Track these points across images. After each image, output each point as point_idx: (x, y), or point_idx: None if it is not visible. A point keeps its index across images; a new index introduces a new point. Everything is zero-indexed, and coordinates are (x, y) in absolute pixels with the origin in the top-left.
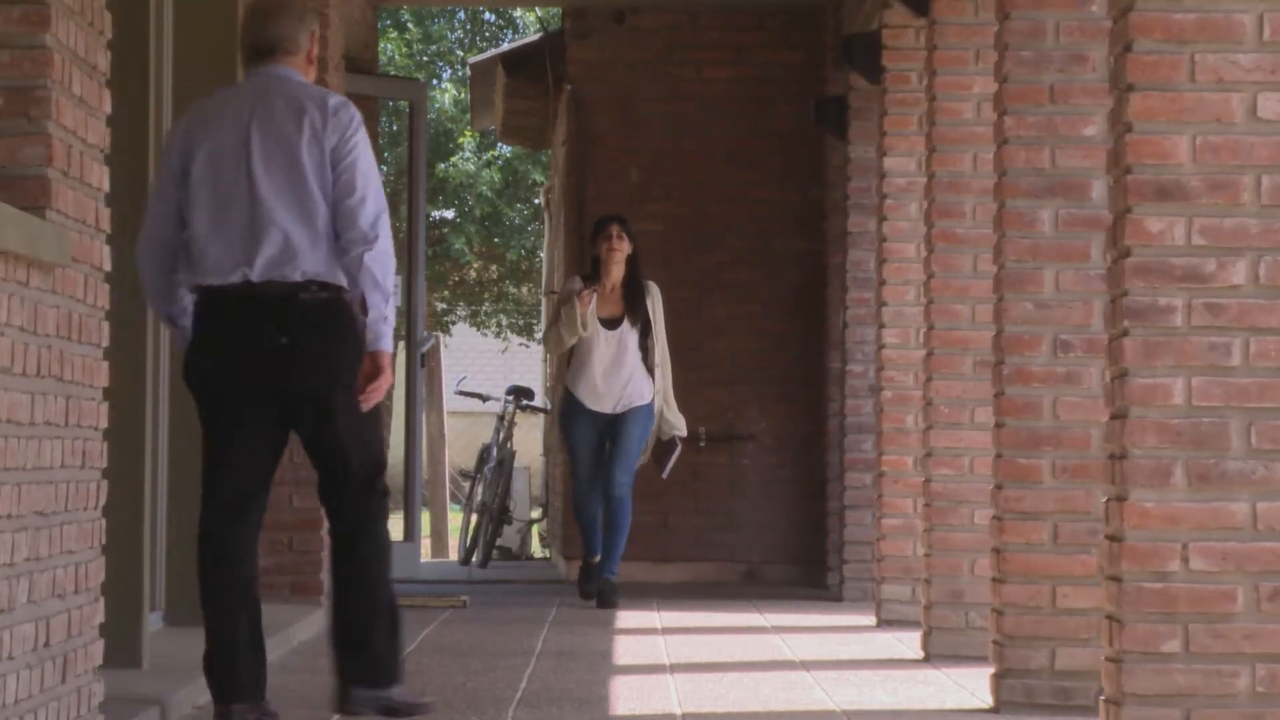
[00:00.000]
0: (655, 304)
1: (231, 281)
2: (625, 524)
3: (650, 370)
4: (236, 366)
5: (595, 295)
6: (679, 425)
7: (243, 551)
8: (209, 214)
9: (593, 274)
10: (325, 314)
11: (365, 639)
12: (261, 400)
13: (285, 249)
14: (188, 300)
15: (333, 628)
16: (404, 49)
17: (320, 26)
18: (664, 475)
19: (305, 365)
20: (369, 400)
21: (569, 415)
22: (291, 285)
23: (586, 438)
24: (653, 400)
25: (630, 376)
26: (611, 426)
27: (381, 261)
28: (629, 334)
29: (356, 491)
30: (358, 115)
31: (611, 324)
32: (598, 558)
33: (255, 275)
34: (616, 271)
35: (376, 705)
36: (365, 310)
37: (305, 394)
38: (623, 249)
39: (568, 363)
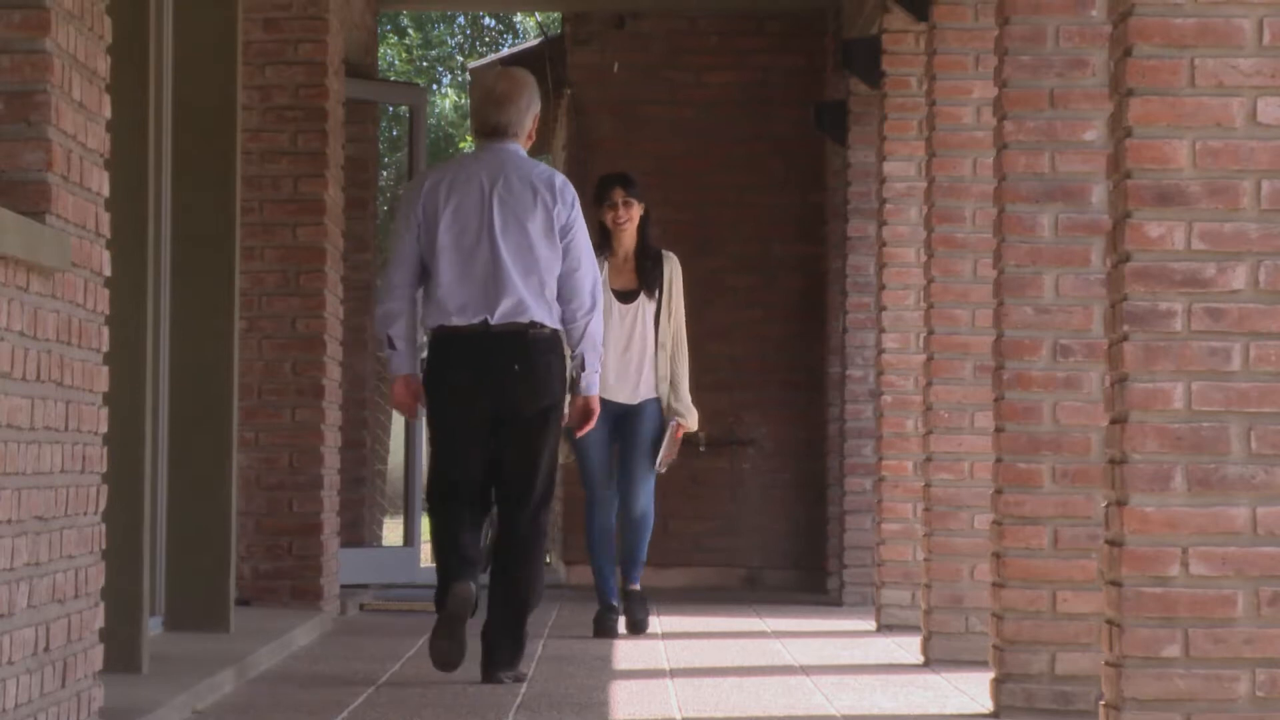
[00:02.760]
0: (674, 275)
1: (473, 323)
2: (647, 538)
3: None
4: (476, 386)
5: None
6: (687, 417)
7: (475, 537)
8: (454, 266)
9: (602, 242)
10: (547, 347)
11: (490, 624)
12: (487, 413)
13: (519, 304)
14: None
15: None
16: (404, 54)
17: (318, 31)
18: (657, 466)
19: (532, 385)
20: (583, 431)
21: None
22: (522, 325)
23: (597, 434)
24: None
25: (645, 360)
26: (623, 422)
27: (598, 323)
28: (645, 308)
29: (532, 503)
30: (571, 188)
31: (626, 297)
32: (616, 601)
33: (494, 320)
34: (628, 239)
35: (509, 677)
36: (583, 365)
37: (526, 408)
38: (630, 215)
39: None
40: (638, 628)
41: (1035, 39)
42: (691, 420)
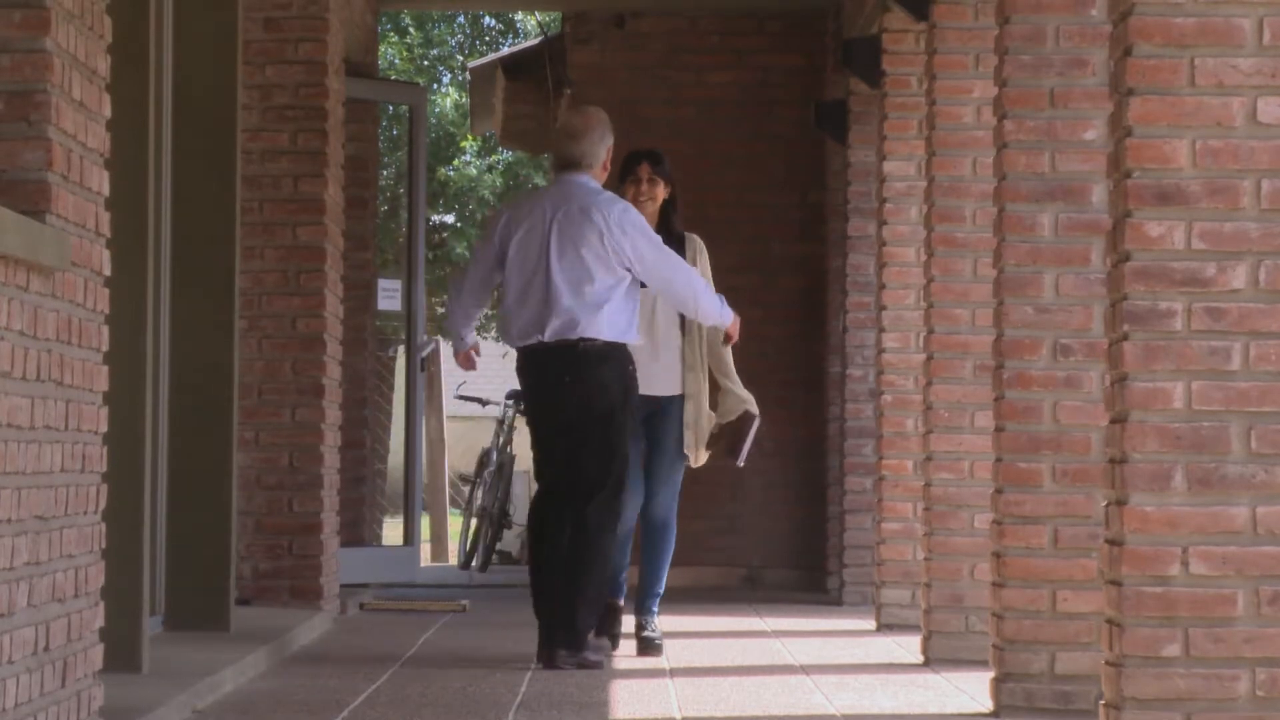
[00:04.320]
0: (698, 258)
1: (530, 343)
2: (669, 551)
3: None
4: (542, 398)
5: None
6: (748, 399)
7: (560, 525)
8: (517, 290)
9: None
10: (599, 358)
11: (564, 607)
12: (555, 422)
13: (568, 321)
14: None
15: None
16: (404, 53)
17: (318, 31)
18: (740, 462)
19: (582, 395)
20: (734, 338)
21: None
22: (573, 341)
23: None
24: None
25: (674, 349)
26: (653, 419)
27: (708, 299)
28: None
29: (592, 500)
30: (632, 213)
31: (642, 283)
32: (621, 599)
33: (546, 339)
34: (649, 220)
35: (569, 662)
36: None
37: (580, 415)
38: (653, 194)
39: None
40: (649, 651)
41: (1035, 38)
42: (752, 402)
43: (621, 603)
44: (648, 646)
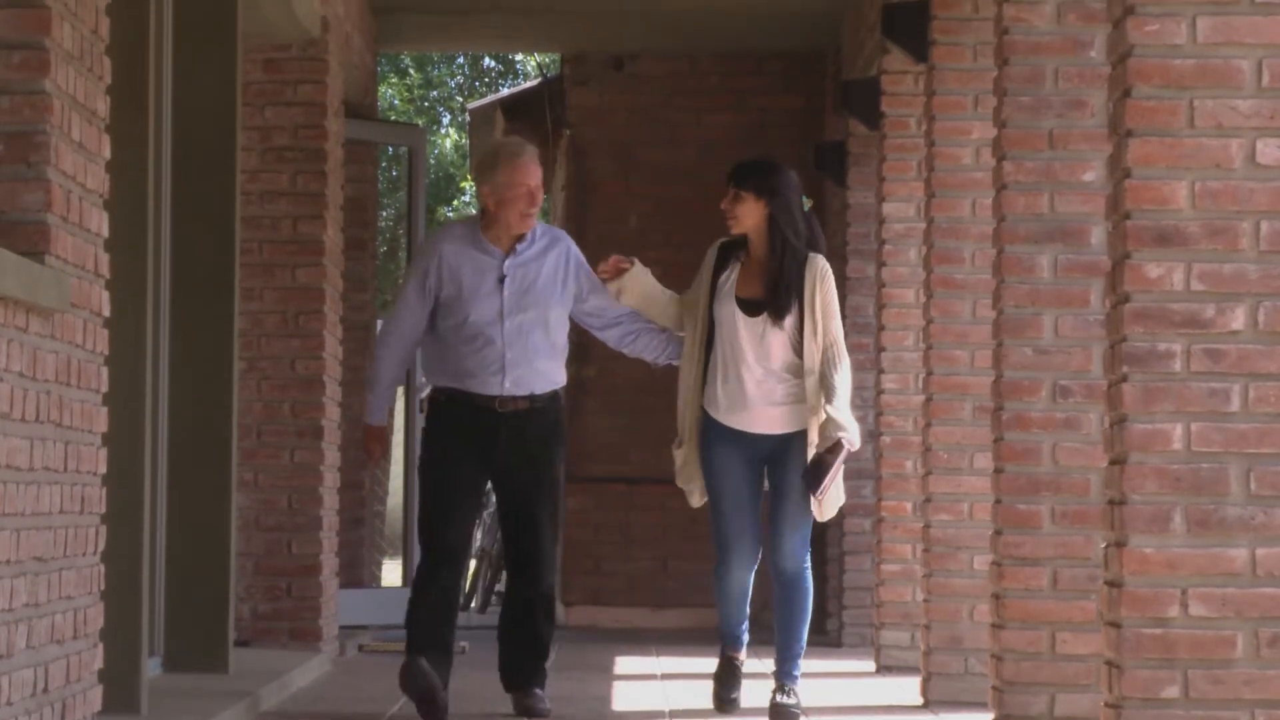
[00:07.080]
0: (817, 284)
1: None
2: (806, 607)
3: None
4: None
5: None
6: (850, 428)
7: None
8: None
9: (740, 238)
10: None
11: None
12: None
13: None
14: None
15: None
16: (404, 94)
17: (318, 73)
18: (817, 494)
19: None
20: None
21: (707, 443)
22: None
23: (734, 472)
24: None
25: (785, 382)
26: (773, 460)
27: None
28: (773, 328)
29: None
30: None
31: (751, 308)
32: (742, 653)
33: None
34: (756, 240)
35: None
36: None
37: None
38: (735, 212)
39: (703, 370)
40: (781, 715)
41: (1034, 80)
42: (855, 435)
43: (743, 656)
44: (779, 713)
